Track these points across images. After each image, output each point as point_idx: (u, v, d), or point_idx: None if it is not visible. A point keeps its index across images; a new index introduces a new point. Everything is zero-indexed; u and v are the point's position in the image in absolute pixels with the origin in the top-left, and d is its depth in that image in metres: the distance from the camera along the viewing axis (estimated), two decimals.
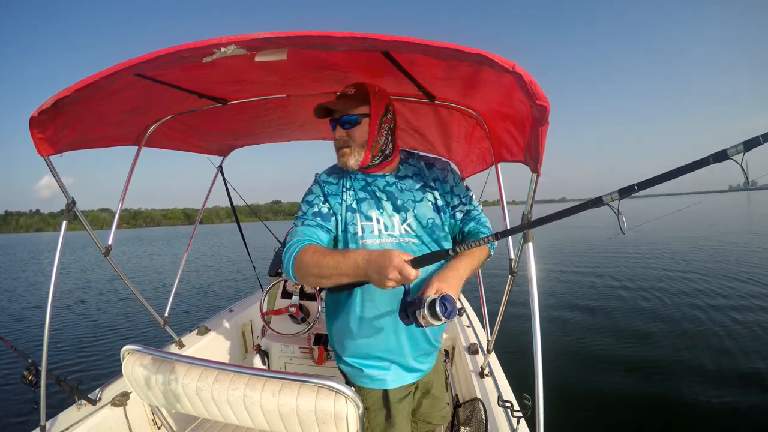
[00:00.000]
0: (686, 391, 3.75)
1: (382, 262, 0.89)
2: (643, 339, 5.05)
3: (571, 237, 17.69)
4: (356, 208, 1.18)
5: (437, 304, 0.88)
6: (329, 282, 1.01)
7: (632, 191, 0.71)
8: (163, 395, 1.10)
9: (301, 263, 1.03)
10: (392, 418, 1.23)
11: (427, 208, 1.24)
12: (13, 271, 17.92)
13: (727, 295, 6.76)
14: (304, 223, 1.16)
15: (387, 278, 0.88)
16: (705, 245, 13.13)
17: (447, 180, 1.31)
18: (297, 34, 0.84)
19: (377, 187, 1.23)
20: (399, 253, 0.90)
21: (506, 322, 1.79)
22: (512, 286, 1.56)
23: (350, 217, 1.18)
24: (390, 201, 1.21)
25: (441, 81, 1.31)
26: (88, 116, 1.33)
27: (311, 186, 1.26)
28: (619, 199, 0.72)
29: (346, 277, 0.98)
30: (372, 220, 1.17)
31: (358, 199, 1.20)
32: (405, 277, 0.88)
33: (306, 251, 1.04)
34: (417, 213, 1.21)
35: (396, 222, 1.19)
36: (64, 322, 7.44)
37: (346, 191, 1.21)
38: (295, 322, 2.38)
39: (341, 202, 1.19)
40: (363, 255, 0.95)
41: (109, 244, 1.75)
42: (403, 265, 0.87)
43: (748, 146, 0.63)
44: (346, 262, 0.96)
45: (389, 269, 0.87)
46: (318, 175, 1.28)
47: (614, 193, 0.72)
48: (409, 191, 1.25)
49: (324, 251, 1.04)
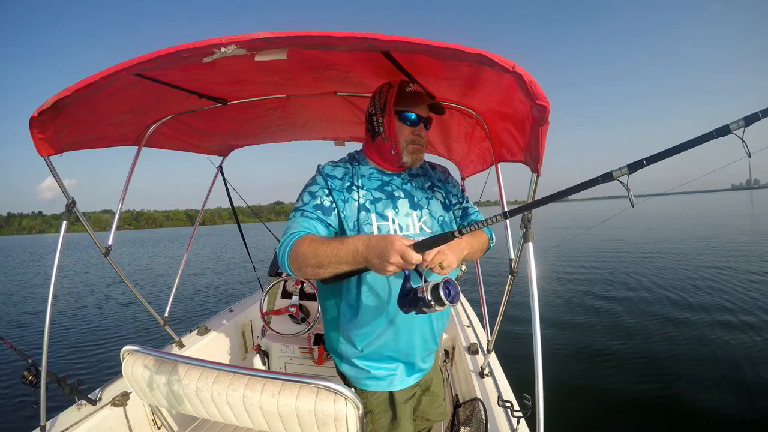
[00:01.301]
0: (686, 391, 3.75)
1: (383, 246, 0.86)
2: (644, 339, 5.04)
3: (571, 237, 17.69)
4: (371, 208, 1.15)
5: (441, 288, 0.83)
6: (327, 271, 0.97)
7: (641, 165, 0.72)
8: (163, 395, 1.10)
9: (297, 254, 0.99)
10: (398, 419, 1.22)
11: (438, 206, 1.26)
12: (14, 272, 17.93)
13: (729, 296, 6.76)
14: (303, 215, 1.11)
15: (388, 262, 0.85)
16: (709, 244, 13.13)
17: (448, 181, 1.36)
18: (297, 34, 0.84)
19: (395, 186, 1.22)
20: (400, 237, 0.88)
21: (506, 322, 1.79)
22: (512, 286, 1.56)
23: (364, 216, 1.13)
24: (407, 199, 1.21)
25: (441, 81, 1.31)
26: (88, 116, 1.33)
27: (314, 176, 1.20)
28: (628, 173, 0.73)
29: (345, 265, 0.94)
30: (388, 219, 1.15)
31: (373, 198, 1.17)
32: (407, 261, 0.84)
33: (302, 241, 1.00)
34: (431, 210, 1.23)
35: (411, 221, 1.18)
36: (65, 322, 7.44)
37: (357, 189, 1.17)
38: (295, 322, 2.38)
39: (350, 200, 1.15)
40: (363, 240, 0.92)
41: (109, 244, 1.75)
42: (405, 249, 0.84)
43: (748, 121, 0.66)
44: (344, 248, 0.93)
45: (390, 253, 0.85)
46: (321, 166, 1.22)
47: (623, 168, 0.73)
48: (422, 189, 1.26)
49: (321, 240, 1.01)
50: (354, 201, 1.15)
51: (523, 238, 1.26)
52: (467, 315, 2.81)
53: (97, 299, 9.79)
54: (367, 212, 1.14)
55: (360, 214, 1.13)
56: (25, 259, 25.53)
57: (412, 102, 1.17)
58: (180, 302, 8.54)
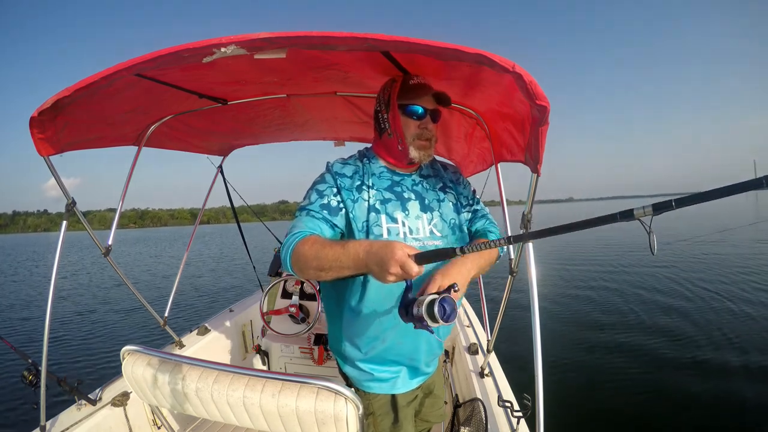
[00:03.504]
0: (687, 391, 3.75)
1: (383, 254, 0.83)
2: (644, 338, 5.04)
3: (572, 237, 17.68)
4: (381, 209, 1.12)
5: (436, 306, 0.81)
6: (329, 275, 0.95)
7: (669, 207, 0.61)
8: (163, 395, 1.10)
9: (299, 255, 0.97)
10: (399, 422, 1.21)
11: (449, 208, 1.22)
12: (16, 270, 17.93)
13: (731, 294, 6.76)
14: (308, 214, 1.08)
15: (388, 272, 0.83)
16: (713, 248, 13.12)
17: (459, 182, 1.32)
18: (297, 34, 0.84)
19: (405, 187, 1.19)
20: (402, 245, 0.84)
21: (506, 322, 1.79)
22: (512, 286, 1.56)
23: (374, 217, 1.10)
24: (418, 200, 1.17)
25: (441, 81, 1.31)
26: (88, 116, 1.33)
27: (323, 174, 1.17)
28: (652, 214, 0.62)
29: (347, 270, 0.92)
30: (398, 222, 1.12)
31: (383, 199, 1.13)
32: (407, 272, 0.82)
33: (305, 242, 0.98)
34: (442, 213, 1.20)
35: (421, 224, 1.15)
36: (65, 322, 7.44)
37: (367, 189, 1.14)
38: (295, 322, 2.39)
39: (359, 199, 1.12)
40: (364, 246, 0.89)
41: (109, 244, 1.75)
42: (405, 260, 0.81)
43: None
44: (346, 254, 0.91)
45: (391, 262, 0.82)
46: (331, 164, 1.19)
47: (647, 207, 0.62)
48: (433, 191, 1.23)
49: (323, 242, 0.98)
50: (364, 201, 1.12)
51: None
52: (467, 315, 2.81)
53: (97, 299, 9.79)
54: (377, 213, 1.11)
55: (370, 215, 1.11)
56: (26, 258, 25.53)
57: (416, 94, 1.14)
58: (180, 302, 8.54)
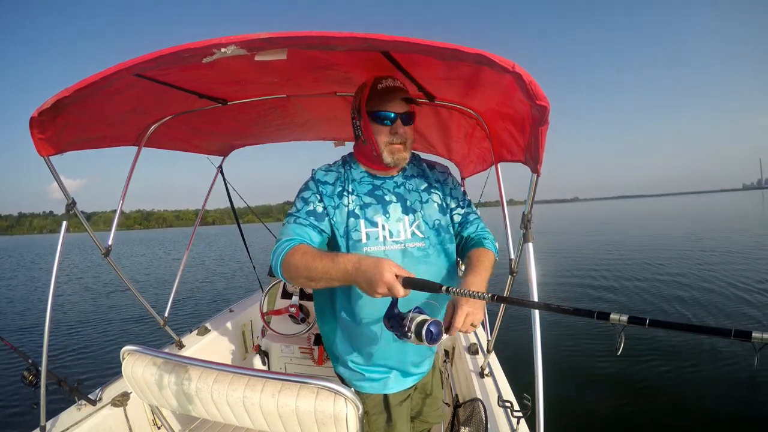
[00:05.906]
0: (687, 391, 3.75)
1: (372, 274, 0.86)
2: (644, 338, 5.04)
3: (572, 238, 17.71)
4: (360, 214, 1.13)
5: (424, 328, 0.86)
6: (319, 285, 0.98)
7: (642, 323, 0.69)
8: (163, 396, 1.10)
9: (290, 265, 1.00)
10: (393, 421, 1.22)
11: (433, 209, 1.22)
12: (16, 271, 17.93)
13: (733, 295, 6.76)
14: (296, 221, 1.10)
15: (376, 292, 0.87)
16: (711, 244, 13.12)
17: (447, 182, 1.30)
18: (297, 35, 0.84)
19: (387, 190, 1.19)
20: (391, 266, 0.87)
21: (506, 323, 1.79)
22: (512, 286, 1.56)
23: (353, 223, 1.13)
24: (399, 203, 1.18)
25: (441, 81, 1.31)
26: (88, 116, 1.33)
27: (307, 182, 1.20)
28: (626, 324, 0.70)
29: (336, 282, 0.95)
30: (377, 226, 1.13)
31: (362, 204, 1.15)
32: (393, 294, 0.86)
33: (294, 252, 1.00)
34: (425, 214, 1.19)
35: (402, 227, 1.15)
36: (65, 322, 7.44)
37: (347, 195, 1.15)
38: (295, 322, 2.38)
39: (340, 206, 1.14)
40: (353, 262, 0.91)
41: (109, 244, 1.75)
42: (393, 283, 0.85)
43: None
44: (336, 267, 0.93)
45: (379, 284, 0.85)
46: (315, 171, 1.22)
47: (623, 316, 0.70)
48: (416, 191, 1.23)
49: (313, 253, 0.99)
50: (344, 207, 1.14)
51: (523, 239, 1.25)
52: None
53: (97, 299, 9.79)
54: (356, 218, 1.13)
55: (349, 221, 1.13)
56: (29, 259, 25.52)
57: (385, 99, 1.11)
58: (180, 302, 8.54)
